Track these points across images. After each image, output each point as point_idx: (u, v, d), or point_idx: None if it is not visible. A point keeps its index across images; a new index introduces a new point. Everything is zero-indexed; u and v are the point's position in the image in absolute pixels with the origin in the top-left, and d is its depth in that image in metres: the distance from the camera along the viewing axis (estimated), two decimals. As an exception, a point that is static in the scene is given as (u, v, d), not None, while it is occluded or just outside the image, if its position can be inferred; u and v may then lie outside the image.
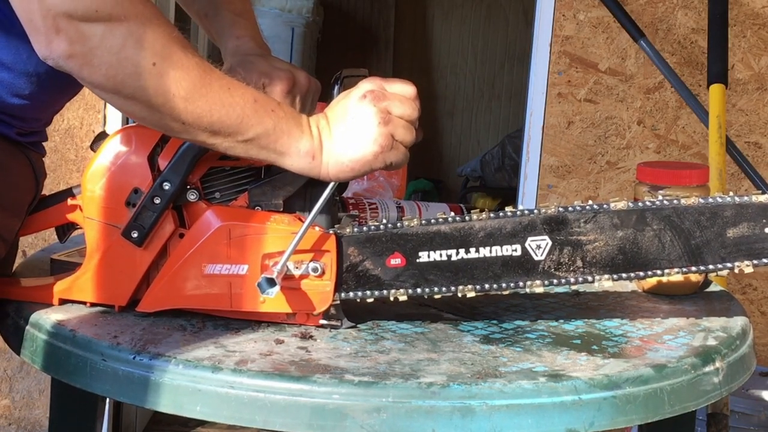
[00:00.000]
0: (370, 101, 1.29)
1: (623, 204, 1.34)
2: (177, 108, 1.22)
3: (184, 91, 1.22)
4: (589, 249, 1.33)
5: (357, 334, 1.34)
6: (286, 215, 1.33)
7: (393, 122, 1.29)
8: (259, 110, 1.26)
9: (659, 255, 1.34)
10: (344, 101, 1.31)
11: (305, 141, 1.28)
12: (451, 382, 1.18)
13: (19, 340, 1.35)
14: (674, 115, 2.92)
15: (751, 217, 1.33)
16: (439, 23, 5.42)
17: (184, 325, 1.32)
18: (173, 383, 1.20)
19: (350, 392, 1.16)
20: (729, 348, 1.34)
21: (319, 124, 1.30)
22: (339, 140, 1.29)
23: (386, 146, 1.29)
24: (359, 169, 1.30)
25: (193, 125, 1.24)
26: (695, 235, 1.33)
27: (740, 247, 1.33)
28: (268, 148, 1.27)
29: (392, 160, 1.30)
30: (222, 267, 1.31)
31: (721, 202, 1.34)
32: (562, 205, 1.34)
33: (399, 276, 1.32)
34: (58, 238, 1.45)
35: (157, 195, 1.32)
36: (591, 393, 1.19)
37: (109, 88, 1.22)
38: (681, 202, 1.34)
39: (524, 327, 1.39)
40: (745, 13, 2.87)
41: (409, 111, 1.31)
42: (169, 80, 1.21)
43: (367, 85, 1.31)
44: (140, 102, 1.22)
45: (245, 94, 1.26)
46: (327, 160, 1.29)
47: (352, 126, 1.29)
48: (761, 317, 2.95)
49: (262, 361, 1.22)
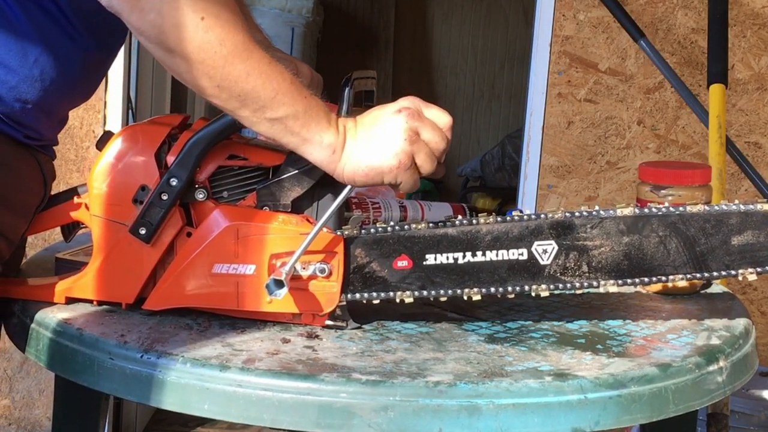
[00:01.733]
0: (404, 117, 1.29)
1: (629, 210, 1.34)
2: (216, 67, 1.23)
3: (227, 50, 1.22)
4: (595, 254, 1.34)
5: (362, 334, 1.34)
6: (294, 216, 1.33)
7: (418, 144, 1.29)
8: (293, 91, 1.26)
9: (664, 261, 1.34)
10: (379, 111, 1.31)
11: (330, 134, 1.28)
12: (457, 381, 1.18)
13: (25, 338, 1.35)
14: (674, 115, 2.93)
15: (756, 225, 1.34)
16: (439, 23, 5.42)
17: (190, 324, 1.33)
18: (181, 382, 1.21)
19: (358, 391, 1.17)
20: (732, 347, 1.34)
21: (347, 124, 1.30)
22: (362, 143, 1.29)
23: (404, 164, 1.29)
24: (372, 177, 1.30)
25: (227, 89, 1.24)
26: (700, 242, 1.34)
27: (744, 255, 1.35)
28: (294, 131, 1.27)
29: (403, 180, 1.30)
30: (229, 266, 1.32)
31: (726, 209, 1.35)
32: (568, 210, 1.34)
33: (405, 278, 1.33)
34: (64, 237, 1.45)
35: (164, 191, 1.33)
36: (597, 392, 1.20)
37: (153, 36, 1.22)
38: (687, 210, 1.35)
39: (528, 326, 1.39)
40: (745, 13, 2.88)
41: (437, 140, 1.31)
42: (214, 37, 1.22)
43: (406, 102, 1.31)
44: (180, 56, 1.23)
45: (283, 72, 1.26)
46: (345, 159, 1.29)
47: (379, 134, 1.29)
48: (761, 317, 2.95)
49: (270, 360, 1.23)
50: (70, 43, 1.35)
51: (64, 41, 1.34)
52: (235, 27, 1.23)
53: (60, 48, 1.34)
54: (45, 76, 1.34)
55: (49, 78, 1.34)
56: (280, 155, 1.35)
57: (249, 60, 1.24)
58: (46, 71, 1.33)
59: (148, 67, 2.95)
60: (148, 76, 2.99)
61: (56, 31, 1.33)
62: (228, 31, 1.23)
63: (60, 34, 1.34)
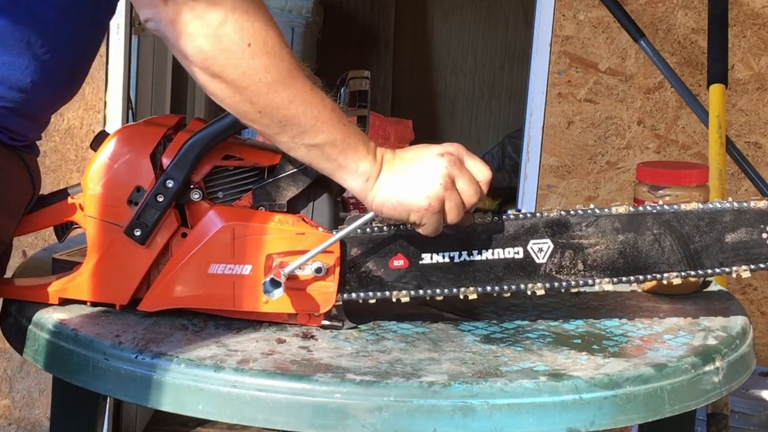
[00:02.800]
0: (445, 162, 1.29)
1: (624, 208, 1.35)
2: (259, 93, 1.23)
3: (271, 77, 1.23)
4: (590, 252, 1.34)
5: (358, 334, 1.34)
6: (290, 215, 1.33)
7: (452, 192, 1.29)
8: (333, 119, 1.27)
9: (659, 259, 1.35)
10: (422, 149, 1.31)
11: (367, 162, 1.28)
12: (452, 382, 1.18)
13: (22, 339, 1.35)
14: (674, 115, 2.93)
15: (750, 222, 1.35)
16: (439, 23, 5.42)
17: (186, 325, 1.33)
18: (175, 382, 1.21)
19: (352, 391, 1.17)
20: (729, 347, 1.34)
21: (385, 155, 1.30)
22: (397, 177, 1.29)
23: (433, 208, 1.28)
24: (399, 212, 1.29)
25: (269, 115, 1.25)
26: (694, 239, 1.35)
27: (738, 252, 1.35)
28: (331, 158, 1.28)
29: (428, 223, 1.30)
30: (225, 267, 1.31)
31: (720, 207, 1.35)
32: (564, 209, 1.35)
33: (402, 277, 1.33)
34: (57, 237, 1.45)
35: (160, 193, 1.33)
36: (592, 392, 1.20)
37: (199, 61, 1.23)
38: (681, 207, 1.35)
39: (525, 327, 1.39)
40: (745, 13, 2.87)
41: (471, 193, 1.30)
42: (260, 64, 1.23)
43: (451, 148, 1.31)
44: (225, 80, 1.23)
45: (324, 100, 1.27)
46: (377, 189, 1.29)
47: (416, 172, 1.29)
48: (761, 317, 2.95)
49: (264, 360, 1.22)
50: (54, 52, 1.34)
51: (48, 50, 1.33)
52: (281, 54, 1.24)
53: (45, 57, 1.33)
54: (34, 79, 1.33)
55: (32, 85, 1.33)
56: (275, 155, 1.35)
57: (292, 87, 1.25)
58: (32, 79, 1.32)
59: (148, 67, 2.95)
60: (148, 76, 2.99)
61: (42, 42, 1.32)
62: (273, 57, 1.24)
63: (44, 44, 1.33)
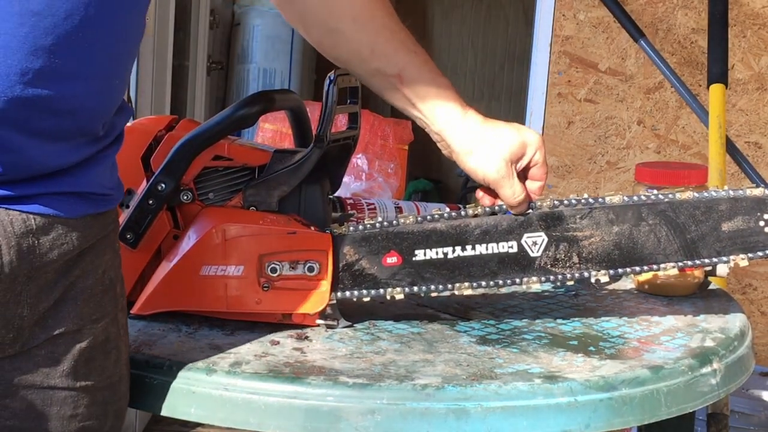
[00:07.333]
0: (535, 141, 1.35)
1: (618, 198, 1.33)
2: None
3: None
4: (585, 245, 1.33)
5: (353, 334, 1.33)
6: (281, 215, 1.32)
7: (514, 166, 1.34)
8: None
9: (655, 249, 1.33)
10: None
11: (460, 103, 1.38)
12: (445, 384, 1.17)
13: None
14: (674, 115, 2.92)
15: (746, 210, 1.33)
16: (439, 23, 5.41)
17: (179, 327, 1.32)
18: (167, 385, 1.20)
19: (344, 394, 1.16)
20: (727, 349, 1.33)
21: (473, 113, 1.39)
22: (486, 124, 1.36)
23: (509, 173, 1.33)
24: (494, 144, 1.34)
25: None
26: (690, 229, 1.33)
27: (735, 241, 1.34)
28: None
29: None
30: (217, 268, 1.30)
31: (715, 196, 1.34)
32: (557, 199, 1.33)
33: (395, 274, 1.32)
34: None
35: (151, 196, 1.32)
36: (587, 394, 1.18)
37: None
38: (676, 197, 1.34)
39: (521, 328, 1.38)
40: (745, 13, 2.86)
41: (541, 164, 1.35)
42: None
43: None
44: None
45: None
46: (469, 122, 1.37)
47: (495, 132, 1.36)
48: (761, 317, 2.94)
49: (257, 362, 1.21)
50: None
51: None
52: None
53: None
54: None
55: None
56: (265, 154, 1.34)
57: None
58: None
59: (149, 67, 2.94)
60: (148, 76, 2.99)
61: None
62: None
63: None
